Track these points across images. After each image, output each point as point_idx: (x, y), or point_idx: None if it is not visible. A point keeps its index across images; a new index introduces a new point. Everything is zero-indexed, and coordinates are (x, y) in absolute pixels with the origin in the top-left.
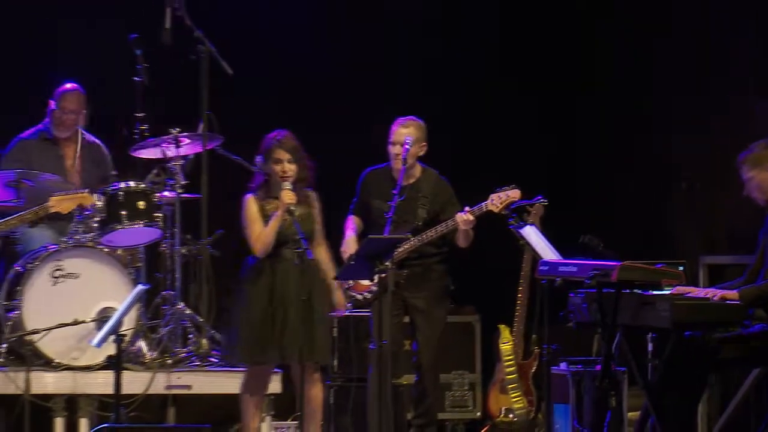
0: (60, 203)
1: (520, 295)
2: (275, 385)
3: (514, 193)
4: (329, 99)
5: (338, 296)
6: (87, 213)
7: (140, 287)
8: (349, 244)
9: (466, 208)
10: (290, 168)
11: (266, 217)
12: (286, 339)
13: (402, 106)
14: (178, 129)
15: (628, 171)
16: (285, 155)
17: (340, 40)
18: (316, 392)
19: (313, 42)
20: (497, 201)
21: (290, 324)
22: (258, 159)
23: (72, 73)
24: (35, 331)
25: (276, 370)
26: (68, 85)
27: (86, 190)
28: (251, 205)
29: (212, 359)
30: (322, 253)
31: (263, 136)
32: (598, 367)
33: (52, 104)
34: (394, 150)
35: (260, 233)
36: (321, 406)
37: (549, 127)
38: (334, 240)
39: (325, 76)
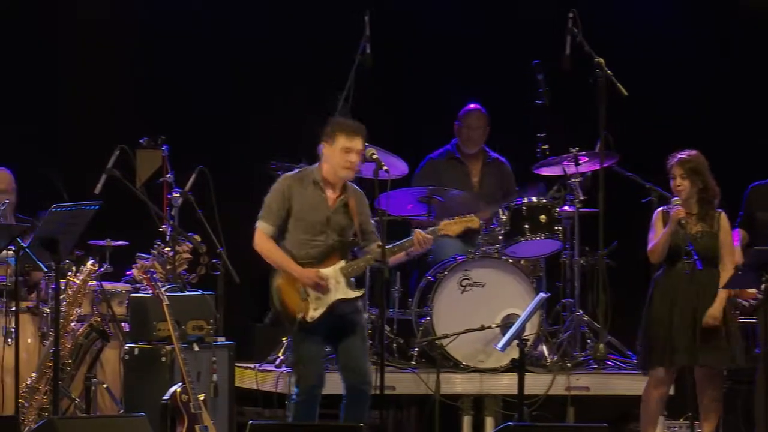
0: (449, 227)
1: None
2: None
3: None
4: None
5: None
6: (493, 226)
7: (542, 295)
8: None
9: None
10: (683, 184)
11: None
12: (689, 344)
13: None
14: (577, 148)
15: None
16: (679, 172)
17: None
18: (714, 395)
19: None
20: None
21: (689, 329)
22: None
23: (477, 97)
24: (445, 336)
25: None
26: (472, 105)
27: (473, 215)
28: (657, 217)
29: (609, 362)
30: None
31: (667, 155)
32: None
33: (458, 124)
34: None
35: (653, 244)
36: (719, 408)
37: None
38: None
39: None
